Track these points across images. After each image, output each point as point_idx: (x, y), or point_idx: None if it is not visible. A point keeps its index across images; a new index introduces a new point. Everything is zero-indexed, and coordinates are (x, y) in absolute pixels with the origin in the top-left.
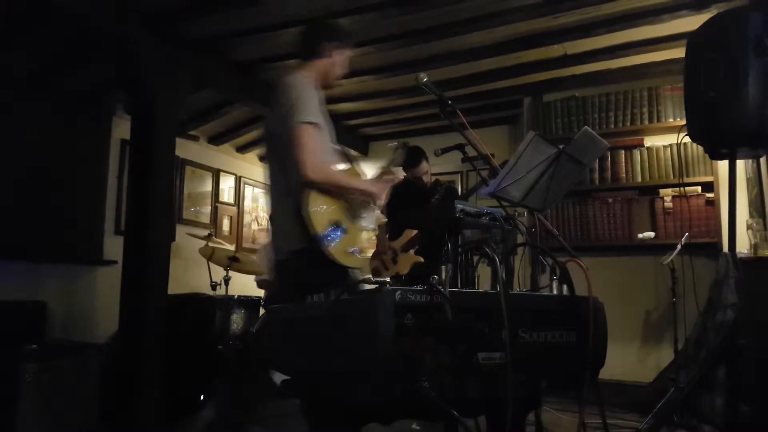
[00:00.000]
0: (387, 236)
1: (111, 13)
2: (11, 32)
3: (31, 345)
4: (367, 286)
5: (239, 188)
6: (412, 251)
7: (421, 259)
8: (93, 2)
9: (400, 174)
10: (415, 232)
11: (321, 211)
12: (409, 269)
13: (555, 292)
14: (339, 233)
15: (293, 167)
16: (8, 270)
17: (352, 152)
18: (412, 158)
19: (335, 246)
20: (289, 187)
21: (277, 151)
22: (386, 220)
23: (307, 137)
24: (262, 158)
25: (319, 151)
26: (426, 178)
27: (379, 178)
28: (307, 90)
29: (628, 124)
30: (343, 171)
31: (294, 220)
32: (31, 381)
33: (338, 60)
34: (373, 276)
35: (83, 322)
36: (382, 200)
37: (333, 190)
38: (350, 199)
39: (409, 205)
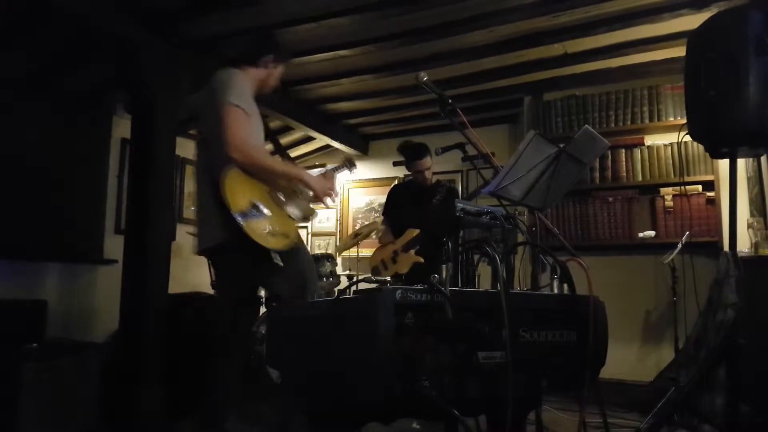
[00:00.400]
0: (391, 236)
1: (111, 12)
2: (11, 32)
3: (32, 344)
4: (368, 285)
5: None
6: (412, 251)
7: (421, 260)
8: (93, 2)
9: (342, 177)
10: (416, 231)
11: (240, 190)
12: (408, 269)
13: (555, 291)
14: (257, 213)
15: (220, 147)
16: (8, 269)
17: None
18: (417, 151)
19: (251, 224)
20: (211, 167)
21: (204, 133)
22: (315, 213)
23: (235, 117)
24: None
25: (246, 133)
26: (428, 175)
27: (322, 175)
28: (241, 82)
29: (629, 123)
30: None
31: (215, 202)
32: (31, 380)
33: (273, 72)
34: (373, 275)
35: (83, 322)
36: (317, 191)
37: (257, 171)
38: (276, 184)
39: (410, 205)
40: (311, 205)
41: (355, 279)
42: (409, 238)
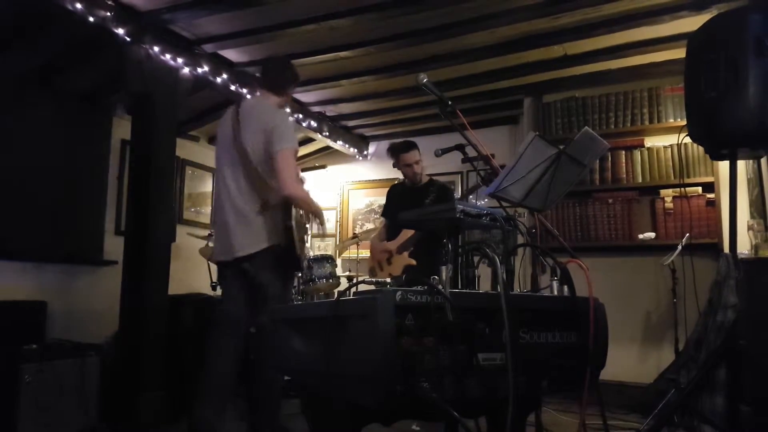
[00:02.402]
0: (385, 237)
1: (111, 13)
2: (12, 32)
3: (32, 345)
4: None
5: None
6: (406, 253)
7: (413, 262)
8: (93, 2)
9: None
10: (411, 232)
11: (294, 222)
12: (401, 271)
13: (555, 292)
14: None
15: (267, 177)
16: (8, 270)
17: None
18: (403, 145)
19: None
20: (258, 194)
21: (249, 163)
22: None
23: (289, 161)
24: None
25: (296, 172)
26: (417, 169)
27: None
28: (288, 119)
29: (629, 124)
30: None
31: (264, 223)
32: (31, 381)
33: (289, 99)
34: (370, 276)
35: (83, 323)
36: (315, 215)
37: (300, 205)
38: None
39: (404, 206)
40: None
41: (355, 280)
42: (404, 239)
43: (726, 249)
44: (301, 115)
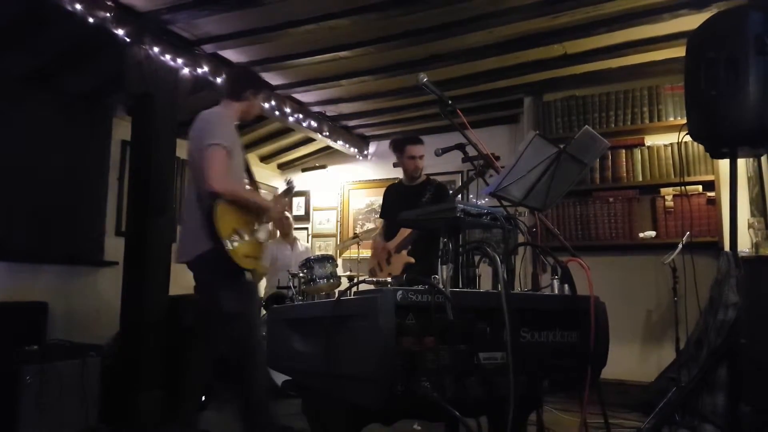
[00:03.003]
0: (383, 237)
1: (111, 13)
2: (12, 32)
3: (32, 346)
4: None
5: None
6: (404, 252)
7: (412, 260)
8: (93, 3)
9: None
10: (408, 231)
11: (225, 219)
12: (401, 270)
13: (556, 291)
14: (238, 240)
15: (203, 180)
16: (9, 271)
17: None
18: (414, 137)
19: (235, 249)
20: (201, 199)
21: (194, 170)
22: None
23: (216, 156)
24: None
25: (224, 169)
26: (420, 164)
27: (276, 199)
28: (223, 119)
29: (629, 123)
30: (246, 188)
31: (202, 226)
32: (32, 382)
33: (254, 103)
34: (370, 276)
35: (84, 323)
36: (274, 216)
37: (237, 202)
38: (250, 212)
39: (401, 205)
40: (271, 228)
41: (355, 280)
42: (401, 237)
43: (726, 247)
44: (301, 115)
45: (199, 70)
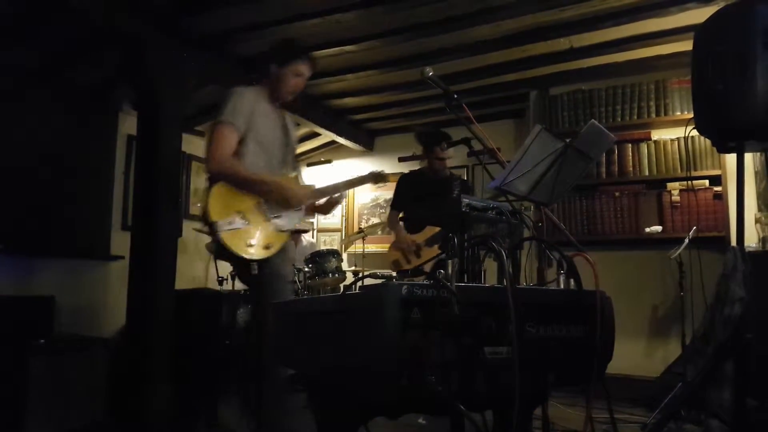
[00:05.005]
0: (404, 229)
1: (117, 8)
2: (20, 27)
3: (39, 340)
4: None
5: None
6: (436, 246)
7: (443, 255)
8: None
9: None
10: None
11: (224, 201)
12: (432, 265)
13: (562, 286)
14: (239, 224)
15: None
16: (16, 265)
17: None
18: (445, 137)
19: (230, 234)
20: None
21: None
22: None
23: (218, 134)
24: None
25: (224, 147)
26: (448, 164)
27: (319, 190)
28: (239, 97)
29: (635, 117)
30: (258, 173)
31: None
32: (39, 375)
33: (282, 77)
34: (394, 268)
35: (91, 317)
36: (302, 204)
37: (238, 183)
38: (265, 195)
39: (428, 197)
40: (305, 216)
41: (360, 275)
42: (431, 233)
43: (733, 242)
44: (306, 110)
45: (206, 65)
